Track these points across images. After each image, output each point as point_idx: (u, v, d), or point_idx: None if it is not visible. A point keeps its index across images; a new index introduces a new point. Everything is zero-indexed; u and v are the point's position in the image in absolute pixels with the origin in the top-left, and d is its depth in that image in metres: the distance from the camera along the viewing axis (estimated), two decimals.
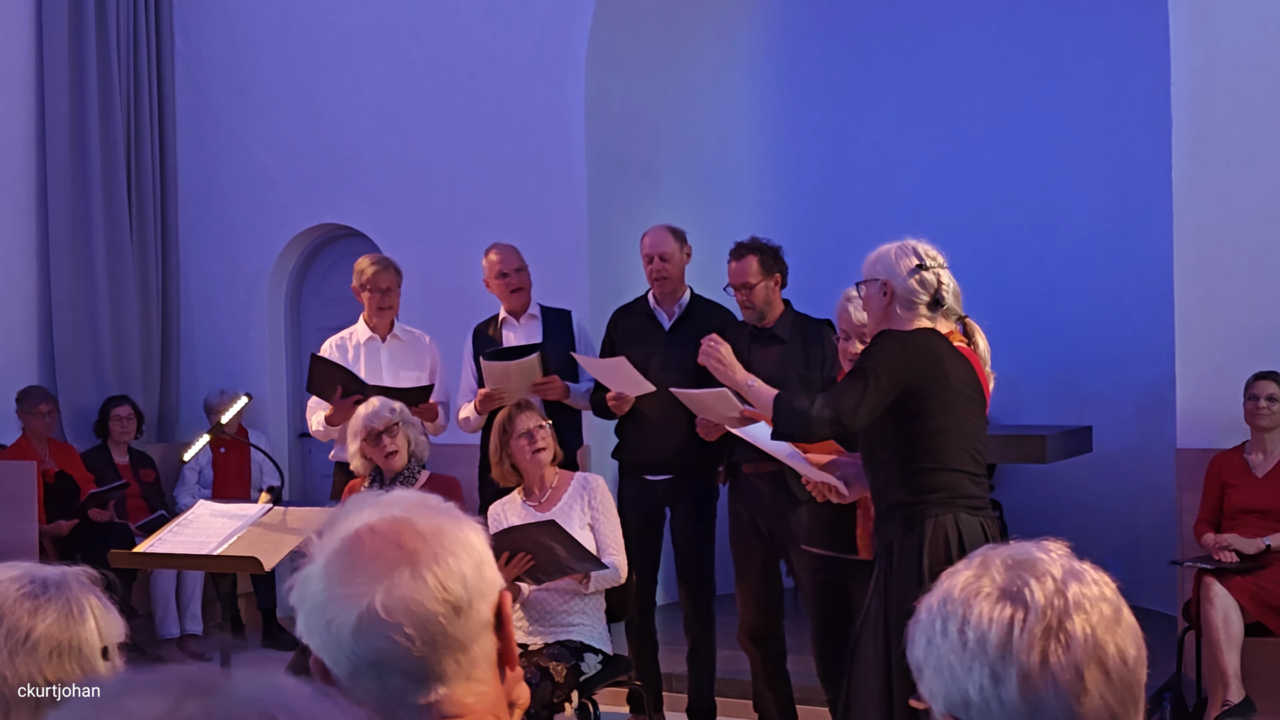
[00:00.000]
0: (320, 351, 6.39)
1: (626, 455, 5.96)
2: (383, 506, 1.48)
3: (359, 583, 1.41)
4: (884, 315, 3.88)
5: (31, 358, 8.22)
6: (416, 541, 1.43)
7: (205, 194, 8.93)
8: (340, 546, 1.45)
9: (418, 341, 6.47)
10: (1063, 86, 8.17)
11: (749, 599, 5.55)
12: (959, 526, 3.66)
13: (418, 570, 1.42)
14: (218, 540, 4.75)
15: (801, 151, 8.80)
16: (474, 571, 1.45)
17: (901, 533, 3.70)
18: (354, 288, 6.41)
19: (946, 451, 3.71)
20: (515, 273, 6.16)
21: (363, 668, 1.41)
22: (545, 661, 4.85)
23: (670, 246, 5.91)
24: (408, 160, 8.27)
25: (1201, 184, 6.33)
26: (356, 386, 5.96)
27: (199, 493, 7.91)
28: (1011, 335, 7.78)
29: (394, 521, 1.46)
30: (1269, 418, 5.97)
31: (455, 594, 1.42)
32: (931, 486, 3.70)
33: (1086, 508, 8.14)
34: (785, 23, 8.75)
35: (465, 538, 1.47)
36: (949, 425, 3.72)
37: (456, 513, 1.51)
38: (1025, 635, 1.37)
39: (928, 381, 3.69)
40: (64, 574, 1.77)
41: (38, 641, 1.68)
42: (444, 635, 1.42)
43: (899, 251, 3.89)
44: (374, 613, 1.40)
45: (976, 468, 3.80)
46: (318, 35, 8.54)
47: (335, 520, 1.49)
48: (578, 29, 7.81)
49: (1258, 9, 6.28)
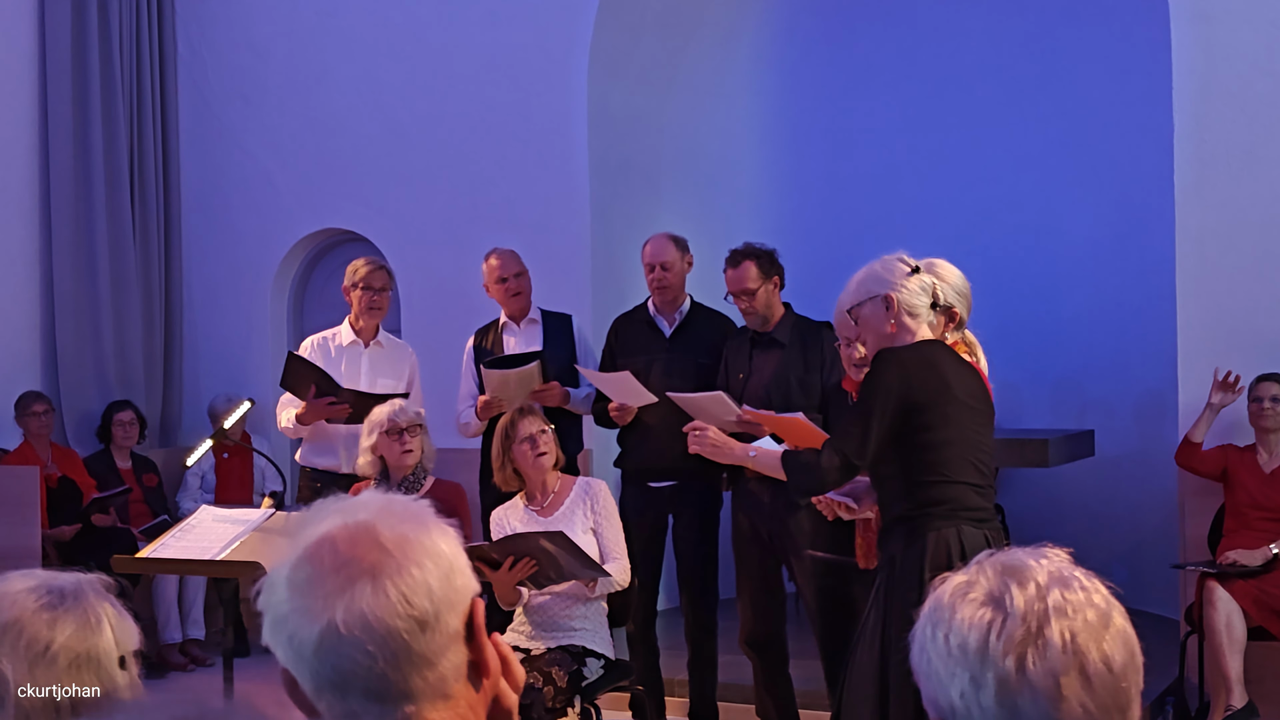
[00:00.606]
0: (301, 348, 6.38)
1: (629, 463, 5.97)
2: (347, 512, 1.41)
3: (319, 596, 1.35)
4: (888, 329, 3.77)
5: (34, 362, 8.23)
6: (378, 553, 1.36)
7: (208, 199, 8.94)
8: (302, 555, 1.39)
9: (399, 350, 6.47)
10: (1064, 90, 8.17)
11: (749, 604, 5.55)
12: (961, 539, 3.63)
13: (379, 584, 1.35)
14: (220, 545, 4.75)
15: (803, 156, 8.80)
16: (441, 582, 1.38)
17: (904, 546, 3.67)
18: (344, 288, 6.39)
19: (949, 464, 3.67)
20: (515, 278, 6.16)
21: (325, 685, 1.37)
22: (547, 666, 4.85)
23: (671, 255, 5.91)
24: (410, 165, 8.28)
25: (1203, 187, 6.34)
26: (330, 388, 5.96)
27: (201, 498, 7.92)
28: (1013, 339, 7.79)
29: (357, 530, 1.38)
30: (1273, 419, 5.98)
31: (420, 608, 1.36)
32: (934, 499, 3.66)
33: (1089, 512, 8.13)
34: (787, 27, 8.76)
35: (433, 546, 1.39)
36: (951, 437, 3.67)
37: (426, 518, 1.43)
38: (1003, 640, 1.37)
39: (928, 395, 3.64)
40: (79, 582, 1.75)
41: (57, 653, 1.66)
42: (408, 652, 1.35)
43: (885, 264, 3.81)
44: (334, 629, 1.34)
45: (981, 479, 3.75)
46: (320, 40, 8.55)
47: (300, 525, 1.42)
48: (580, 34, 7.81)
49: (1259, 12, 6.28)
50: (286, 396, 6.24)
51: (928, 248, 4.00)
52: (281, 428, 6.30)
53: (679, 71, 8.46)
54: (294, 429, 6.18)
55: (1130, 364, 7.92)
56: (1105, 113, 8.01)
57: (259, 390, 8.50)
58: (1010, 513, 8.11)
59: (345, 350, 6.33)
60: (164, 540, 4.91)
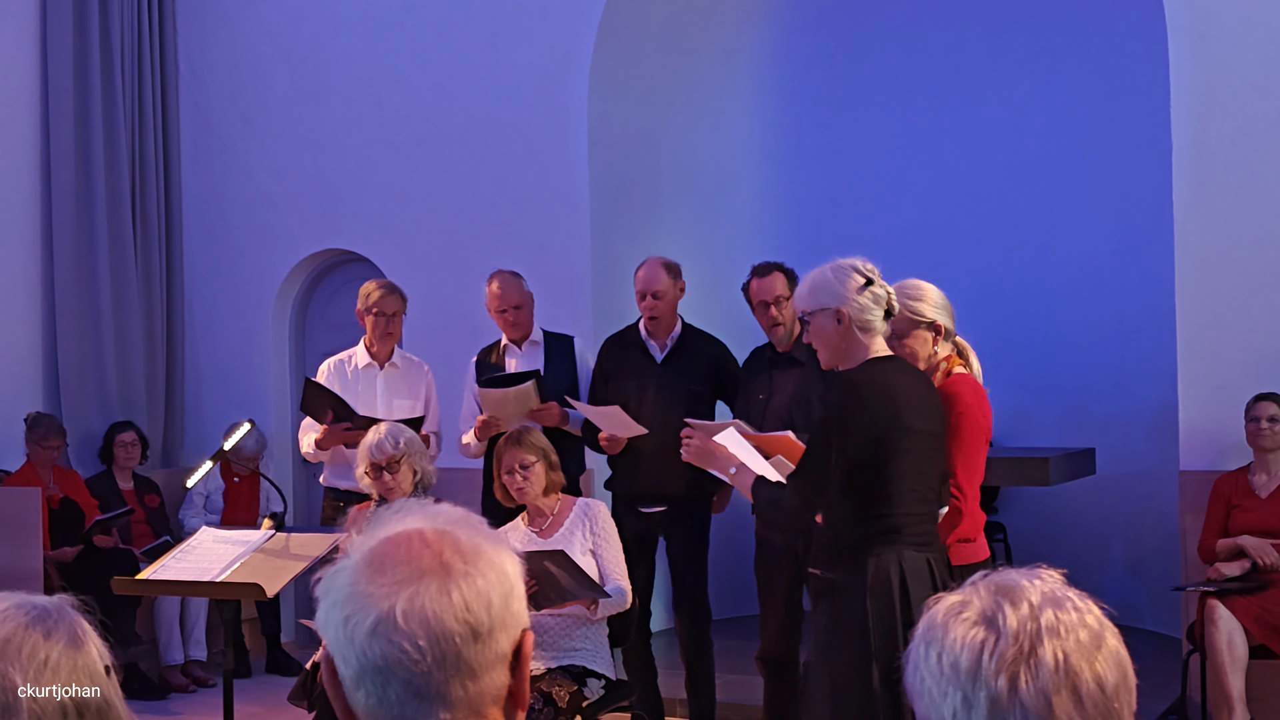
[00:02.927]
0: (319, 371, 6.42)
1: (621, 487, 5.98)
2: (430, 516, 1.46)
3: (385, 584, 1.38)
4: (841, 344, 3.75)
5: (36, 383, 8.24)
6: (453, 556, 1.40)
7: (209, 219, 8.96)
8: (377, 546, 1.42)
9: (415, 369, 6.48)
10: (1064, 108, 8.19)
11: (771, 623, 5.55)
12: (901, 564, 3.65)
13: (446, 585, 1.38)
14: (220, 567, 4.75)
15: (802, 175, 8.82)
16: (501, 601, 1.41)
17: (845, 574, 3.68)
18: (358, 311, 6.42)
19: (897, 496, 3.67)
20: (514, 309, 6.15)
21: (369, 671, 1.38)
22: (548, 686, 4.85)
23: (664, 284, 5.89)
24: (411, 185, 8.30)
25: (1203, 205, 6.34)
26: (347, 414, 5.99)
27: (206, 518, 7.92)
28: (1014, 357, 7.79)
29: (436, 532, 1.43)
30: (1271, 438, 5.96)
31: (477, 617, 1.38)
32: (881, 530, 3.68)
33: (1090, 530, 8.13)
34: (786, 47, 8.78)
35: (501, 565, 1.43)
36: (903, 469, 3.67)
37: (499, 539, 1.47)
38: (995, 660, 1.37)
39: (881, 428, 3.63)
40: (58, 601, 1.79)
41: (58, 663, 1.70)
42: (456, 656, 1.38)
43: (837, 273, 3.76)
44: (392, 617, 1.37)
45: (926, 506, 3.75)
46: (321, 61, 8.58)
47: (379, 520, 1.46)
48: (580, 54, 7.84)
49: (1257, 31, 6.30)
50: (307, 421, 6.29)
51: (926, 266, 4.02)
52: (304, 453, 6.35)
53: (679, 91, 8.48)
54: (314, 454, 6.23)
55: (1130, 382, 7.92)
56: (1104, 131, 8.03)
57: (261, 410, 8.52)
58: (1011, 531, 8.11)
59: (361, 373, 6.36)
60: (164, 561, 4.91)
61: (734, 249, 8.31)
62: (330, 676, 1.44)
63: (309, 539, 4.94)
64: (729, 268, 8.01)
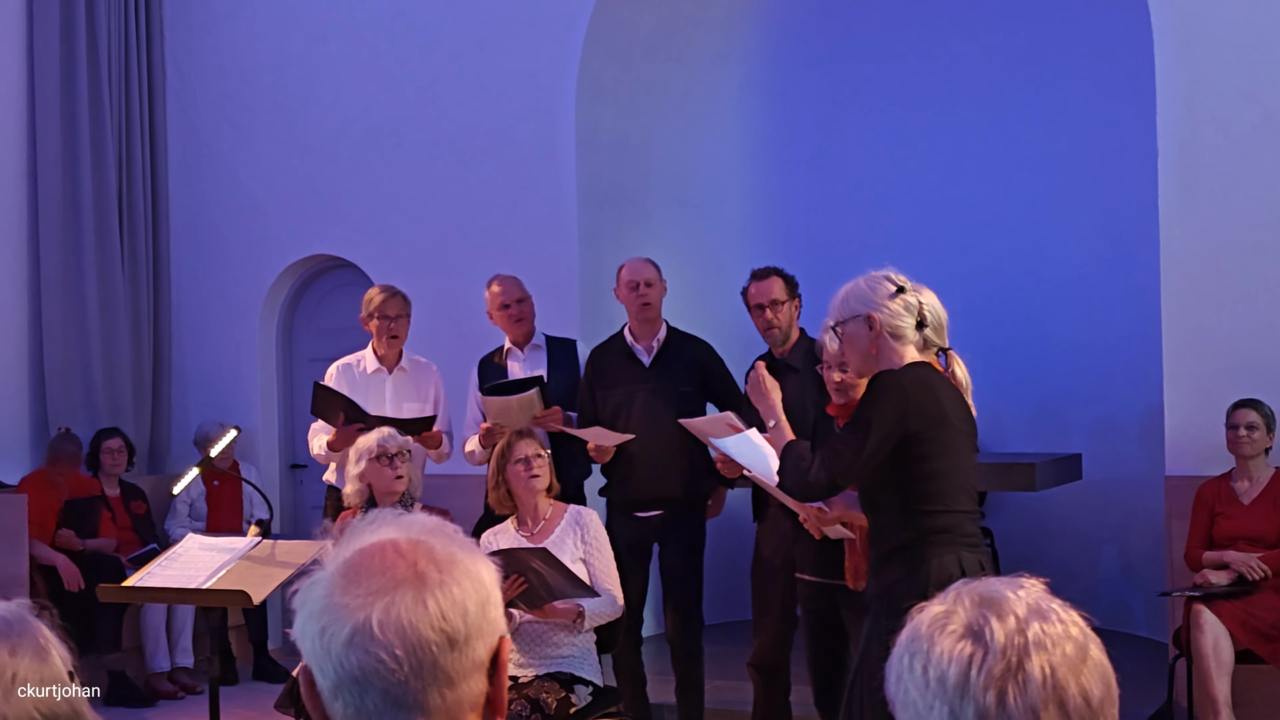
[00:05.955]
0: (328, 373, 6.44)
1: (616, 493, 5.98)
2: (403, 526, 1.46)
3: (360, 595, 1.39)
4: (873, 351, 3.75)
5: (23, 389, 8.22)
6: (428, 565, 1.41)
7: (197, 225, 8.95)
8: (352, 557, 1.43)
9: (424, 371, 6.49)
10: (1050, 116, 8.20)
11: (765, 630, 5.54)
12: (962, 565, 3.62)
13: (421, 594, 1.39)
14: (206, 574, 4.74)
15: (791, 181, 8.83)
16: (477, 608, 1.42)
17: (905, 574, 3.64)
18: (361, 318, 6.43)
19: (948, 493, 3.67)
20: (517, 303, 6.19)
21: (347, 681, 1.39)
22: (536, 693, 4.84)
23: (651, 273, 5.96)
24: (399, 192, 8.29)
25: (1188, 213, 6.36)
26: (358, 415, 6.00)
27: (192, 525, 7.90)
28: (1000, 364, 7.80)
29: (411, 541, 1.43)
30: (1250, 445, 5.97)
31: (454, 626, 1.39)
32: (935, 528, 3.65)
33: (1076, 535, 8.14)
34: (774, 54, 8.79)
35: (477, 572, 1.44)
36: (950, 467, 3.67)
37: (474, 547, 1.47)
38: (983, 675, 1.37)
39: (929, 425, 3.63)
40: (17, 609, 1.79)
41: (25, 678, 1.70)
42: (433, 665, 1.38)
43: (870, 282, 3.78)
44: (368, 627, 1.37)
45: (973, 505, 3.76)
46: (308, 67, 8.57)
47: (353, 532, 1.47)
48: (568, 60, 7.84)
49: (1243, 38, 6.32)
50: (318, 424, 6.27)
51: (914, 273, 4.00)
52: (314, 454, 6.35)
53: (667, 97, 8.49)
54: (325, 455, 6.23)
55: (1116, 388, 7.94)
56: (1090, 138, 8.05)
57: (248, 416, 8.50)
58: (998, 536, 8.11)
59: (370, 378, 6.38)
60: (150, 569, 4.89)
61: (722, 255, 8.32)
62: (308, 688, 1.44)
63: (295, 546, 4.92)
64: (717, 273, 8.02)
